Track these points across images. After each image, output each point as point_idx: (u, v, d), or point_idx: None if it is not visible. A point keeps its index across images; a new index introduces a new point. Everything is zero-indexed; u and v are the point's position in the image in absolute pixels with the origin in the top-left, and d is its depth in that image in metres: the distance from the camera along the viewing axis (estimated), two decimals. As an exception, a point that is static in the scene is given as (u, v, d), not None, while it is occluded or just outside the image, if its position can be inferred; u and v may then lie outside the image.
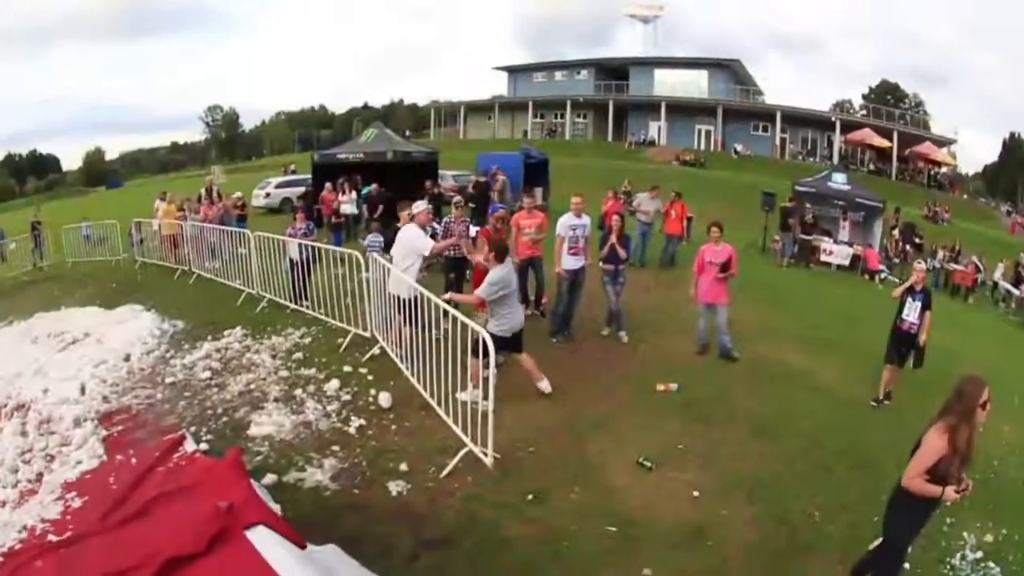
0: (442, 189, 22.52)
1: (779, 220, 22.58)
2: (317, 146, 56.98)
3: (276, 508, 5.81)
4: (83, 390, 10.18)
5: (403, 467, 7.15)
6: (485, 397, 6.71)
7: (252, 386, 9.69)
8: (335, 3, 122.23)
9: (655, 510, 6.32)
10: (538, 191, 23.38)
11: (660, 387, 8.95)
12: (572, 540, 5.91)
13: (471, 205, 20.11)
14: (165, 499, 5.77)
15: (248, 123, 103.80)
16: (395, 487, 6.81)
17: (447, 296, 8.47)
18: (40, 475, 8.20)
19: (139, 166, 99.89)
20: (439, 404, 7.63)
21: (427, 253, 9.53)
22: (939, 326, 9.15)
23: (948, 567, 5.90)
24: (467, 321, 7.04)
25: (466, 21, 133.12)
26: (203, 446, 7.63)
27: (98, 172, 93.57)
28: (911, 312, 9.15)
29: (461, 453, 7.04)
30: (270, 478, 7.05)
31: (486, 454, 6.79)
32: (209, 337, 11.82)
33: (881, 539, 5.21)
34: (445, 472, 6.95)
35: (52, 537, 6.00)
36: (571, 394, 8.73)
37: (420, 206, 10.11)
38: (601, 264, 10.86)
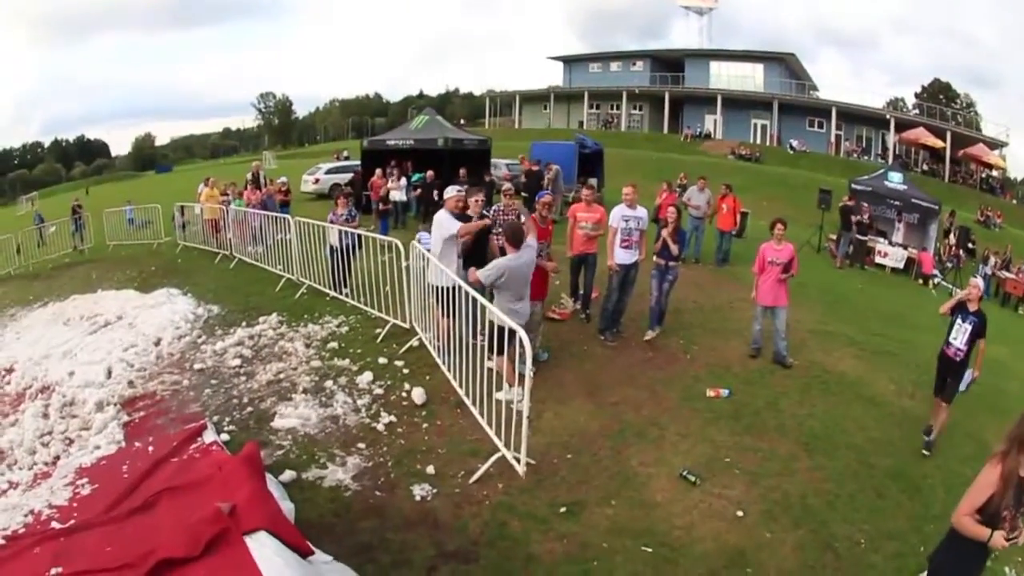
0: (494, 177, 22.23)
1: (839, 219, 21.83)
2: (371, 133, 57.31)
3: (289, 508, 5.57)
4: (109, 374, 10.10)
5: (430, 470, 6.77)
6: (521, 395, 6.20)
7: (282, 376, 9.41)
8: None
9: (696, 530, 5.93)
10: (593, 181, 23.30)
11: (710, 392, 8.53)
12: (603, 560, 5.54)
13: (524, 194, 19.99)
14: (172, 494, 5.63)
15: (301, 111, 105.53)
16: (419, 491, 6.43)
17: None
18: (57, 458, 8.13)
19: (190, 151, 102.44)
20: (474, 403, 7.18)
21: (454, 232, 8.89)
22: (989, 338, 8.58)
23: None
24: (500, 316, 6.67)
25: (522, 11, 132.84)
26: (224, 436, 7.44)
27: (148, 157, 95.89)
28: (959, 336, 7.96)
29: (493, 458, 6.63)
30: (288, 475, 6.70)
31: (519, 460, 6.29)
32: (244, 323, 11.66)
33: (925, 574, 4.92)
34: (474, 478, 6.55)
35: (55, 524, 5.96)
36: (616, 397, 8.31)
37: (452, 192, 9.56)
38: (654, 258, 10.45)
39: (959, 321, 7.92)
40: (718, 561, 5.53)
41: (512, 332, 6.48)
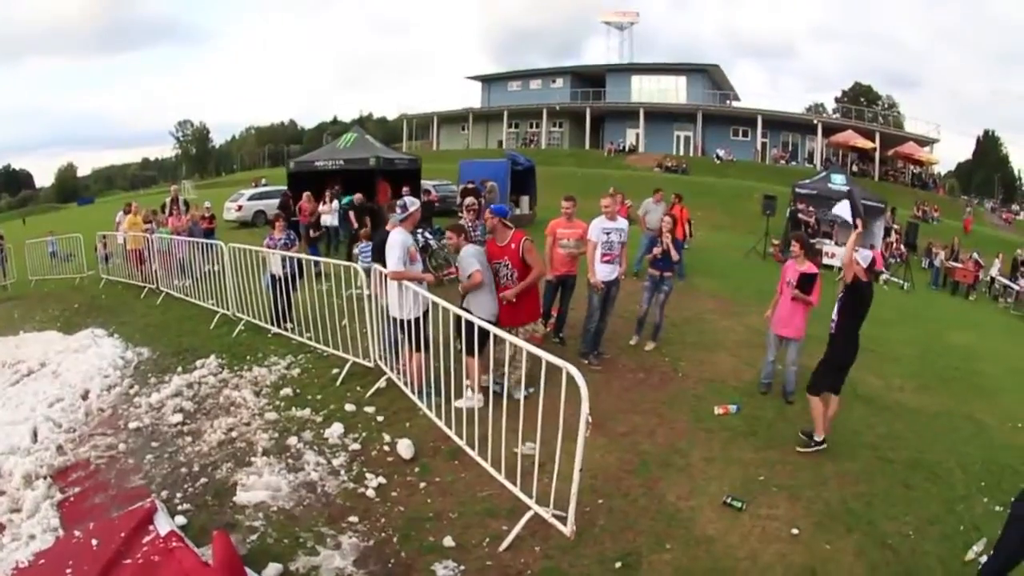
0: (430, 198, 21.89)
1: (788, 224, 21.98)
2: (287, 160, 56.07)
3: None
4: (35, 436, 8.71)
5: (447, 541, 5.60)
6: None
7: (234, 433, 8.02)
8: (306, 18, 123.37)
9: (760, 558, 5.50)
10: (524, 199, 23.15)
11: (718, 410, 8.02)
12: None
13: (460, 215, 19.20)
14: None
15: (219, 139, 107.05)
16: (443, 570, 5.28)
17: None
18: None
19: (111, 182, 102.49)
20: (478, 452, 6.32)
21: (387, 272, 7.97)
22: (953, 326, 8.28)
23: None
24: (522, 344, 5.99)
25: (437, 34, 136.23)
26: (179, 520, 6.07)
27: (71, 188, 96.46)
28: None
29: (524, 519, 5.59)
30: (274, 568, 5.32)
31: (565, 521, 5.21)
32: (179, 369, 10.31)
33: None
34: (504, 545, 5.49)
35: None
36: (624, 426, 7.62)
37: (414, 203, 8.41)
38: (649, 269, 10.15)
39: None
40: None
41: (485, 334, 6.23)
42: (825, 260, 21.08)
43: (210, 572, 5.02)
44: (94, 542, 5.92)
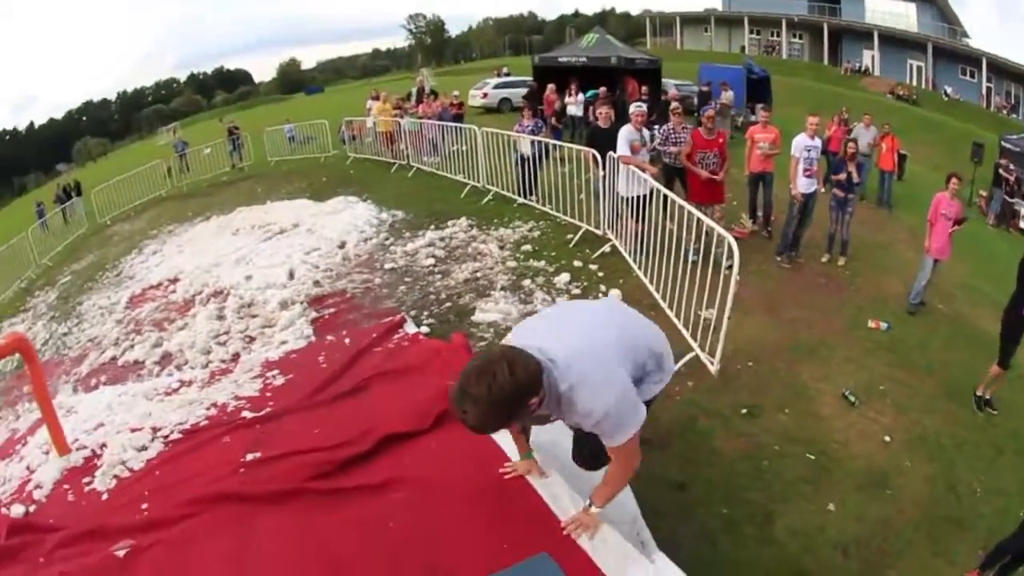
0: (668, 97, 21.98)
1: (992, 175, 20.99)
2: (529, 51, 56.44)
3: None
4: (292, 275, 10.36)
5: None
6: (721, 311, 6.62)
7: (479, 274, 9.74)
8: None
9: (851, 448, 6.31)
10: (760, 107, 23.03)
11: (871, 324, 8.71)
12: (773, 461, 5.95)
13: (696, 114, 19.55)
14: (384, 378, 5.77)
15: (454, 29, 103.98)
16: None
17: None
18: (236, 355, 8.39)
19: (339, 73, 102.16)
20: (669, 306, 7.56)
21: (625, 151, 9.55)
22: None
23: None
24: (705, 219, 7.13)
25: None
26: (424, 329, 7.67)
27: (294, 81, 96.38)
28: None
29: (687, 357, 6.99)
30: None
31: (712, 362, 6.72)
32: (432, 226, 11.97)
33: None
34: None
35: (247, 414, 5.98)
36: (791, 315, 8.64)
37: (633, 108, 10.10)
38: (833, 189, 10.72)
39: None
40: (865, 479, 5.92)
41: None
42: (1022, 224, 20.17)
43: (448, 346, 6.19)
44: (347, 340, 7.13)
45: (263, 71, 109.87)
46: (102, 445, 5.97)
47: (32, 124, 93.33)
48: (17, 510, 5.35)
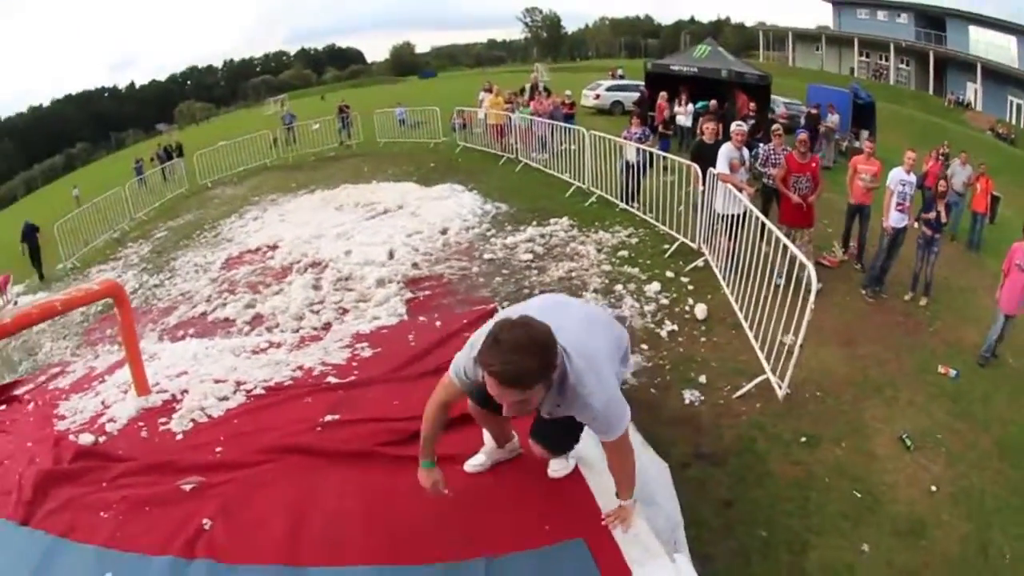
0: (775, 116, 22.23)
1: None
2: (644, 53, 55.91)
3: None
4: (391, 255, 10.80)
5: (701, 379, 7.49)
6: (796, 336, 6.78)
7: (573, 274, 10.10)
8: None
9: (897, 491, 6.35)
10: (864, 133, 22.27)
11: (941, 369, 8.62)
12: (820, 492, 6.09)
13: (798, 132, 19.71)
14: None
15: (570, 26, 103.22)
16: (689, 396, 7.19)
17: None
18: (328, 324, 8.83)
19: (454, 59, 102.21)
20: (750, 327, 7.75)
21: (724, 170, 9.71)
22: None
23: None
24: (790, 245, 7.36)
25: None
26: None
27: (408, 64, 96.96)
28: None
29: (758, 379, 7.24)
30: None
31: (780, 387, 6.94)
32: (534, 222, 12.37)
33: None
34: (738, 394, 7.21)
35: (331, 379, 6.30)
36: (865, 351, 8.67)
37: (734, 127, 10.37)
38: (921, 227, 10.56)
39: None
40: (904, 525, 5.95)
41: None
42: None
43: None
44: (438, 323, 7.44)
45: (375, 51, 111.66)
46: (183, 391, 6.47)
47: (133, 84, 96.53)
48: (86, 439, 5.81)
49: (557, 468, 4.15)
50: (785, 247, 7.42)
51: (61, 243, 19.60)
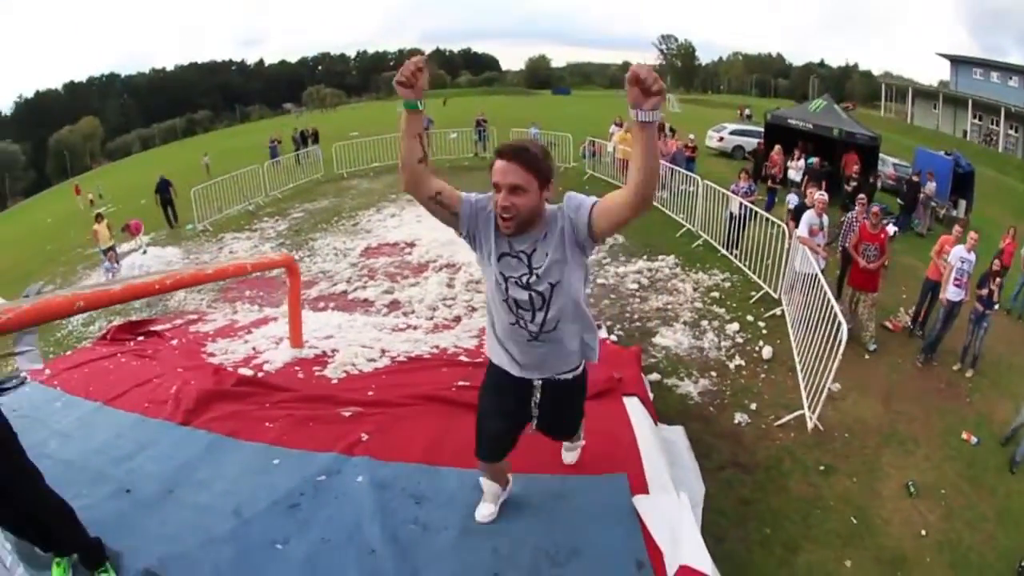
0: (881, 176, 22.40)
1: None
2: (774, 93, 53.81)
3: (649, 396, 6.51)
4: None
5: (752, 406, 8.49)
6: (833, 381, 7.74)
7: (669, 306, 11.05)
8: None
9: (890, 527, 6.85)
10: (962, 203, 22.65)
11: (964, 435, 8.83)
12: (823, 511, 6.83)
13: (900, 202, 20.07)
14: None
15: (704, 57, 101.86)
16: (739, 417, 8.23)
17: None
18: (458, 318, 9.50)
19: (588, 78, 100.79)
20: (802, 372, 8.63)
21: (803, 234, 10.43)
22: None
23: None
24: (835, 304, 8.06)
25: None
26: (613, 337, 9.11)
27: (542, 77, 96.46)
28: None
29: (796, 413, 8.24)
30: (654, 376, 8.67)
31: (811, 419, 8.00)
32: (644, 256, 13.36)
33: None
34: (779, 423, 8.19)
35: (463, 358, 6.93)
36: (900, 408, 9.20)
37: (817, 196, 11.16)
38: (974, 303, 10.60)
39: None
40: (887, 555, 6.43)
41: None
42: None
43: (625, 351, 7.15)
44: None
45: (508, 60, 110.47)
46: (333, 350, 7.03)
47: (262, 61, 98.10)
48: (245, 372, 6.34)
49: (572, 451, 4.62)
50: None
51: (195, 206, 20.50)
